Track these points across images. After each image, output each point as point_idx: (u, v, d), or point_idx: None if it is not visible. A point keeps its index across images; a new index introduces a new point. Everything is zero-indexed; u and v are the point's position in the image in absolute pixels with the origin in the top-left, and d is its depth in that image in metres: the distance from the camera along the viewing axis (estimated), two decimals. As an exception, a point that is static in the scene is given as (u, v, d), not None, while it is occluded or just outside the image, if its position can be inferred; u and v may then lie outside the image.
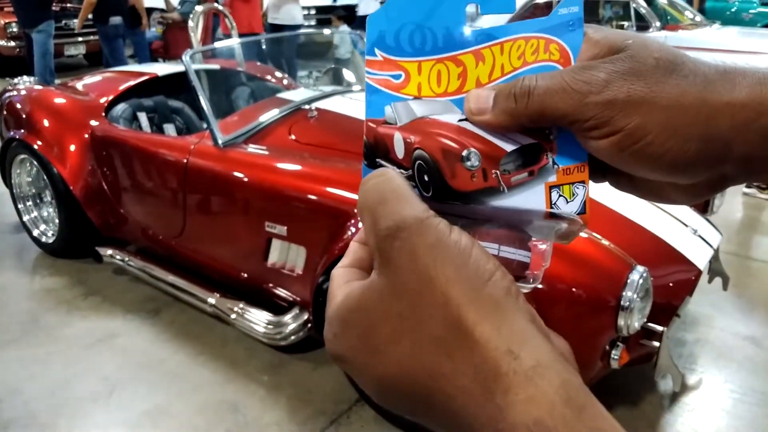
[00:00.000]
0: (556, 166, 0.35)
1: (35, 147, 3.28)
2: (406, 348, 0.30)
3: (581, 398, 0.28)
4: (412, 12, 0.35)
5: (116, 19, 6.23)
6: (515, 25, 0.35)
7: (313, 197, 2.32)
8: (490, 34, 0.35)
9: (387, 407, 0.33)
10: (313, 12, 11.32)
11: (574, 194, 0.35)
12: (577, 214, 0.34)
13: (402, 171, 0.36)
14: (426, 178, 0.36)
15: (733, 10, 10.17)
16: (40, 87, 3.74)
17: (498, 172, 0.35)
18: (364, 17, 9.07)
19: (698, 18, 7.02)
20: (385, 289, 0.31)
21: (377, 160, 0.37)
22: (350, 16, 10.26)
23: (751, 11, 10.08)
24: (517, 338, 0.29)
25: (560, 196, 0.35)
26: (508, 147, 0.35)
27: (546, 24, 0.35)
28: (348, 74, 3.71)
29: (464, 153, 0.35)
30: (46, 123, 3.35)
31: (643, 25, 6.47)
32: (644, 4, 6.48)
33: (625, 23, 6.61)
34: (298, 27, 6.73)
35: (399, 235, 0.31)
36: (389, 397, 0.32)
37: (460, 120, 0.36)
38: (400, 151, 0.37)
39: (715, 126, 0.32)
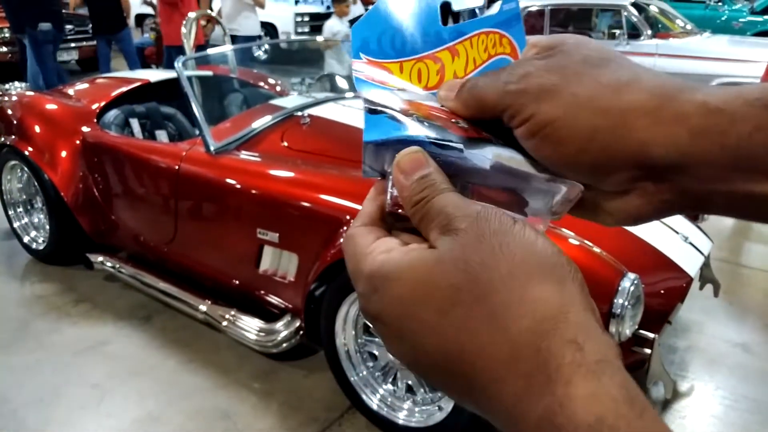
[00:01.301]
0: None
1: (26, 153, 3.27)
2: (455, 320, 0.29)
3: (642, 399, 0.27)
4: (391, 18, 0.38)
5: (46, 25, 5.99)
6: (477, 20, 0.38)
7: (305, 204, 2.32)
8: (461, 30, 0.38)
9: (418, 376, 0.32)
10: (306, 19, 11.34)
11: None
12: None
13: None
14: None
15: (723, 18, 10.26)
16: (31, 93, 3.73)
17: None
18: (351, 21, 9.08)
19: (689, 26, 7.08)
20: (443, 259, 0.30)
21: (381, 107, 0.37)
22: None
23: (741, 20, 10.18)
24: (583, 328, 0.28)
25: None
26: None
27: (496, 20, 0.38)
28: (341, 81, 3.71)
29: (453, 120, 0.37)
30: (37, 129, 3.33)
31: (634, 33, 6.51)
32: (636, 13, 6.53)
33: (617, 31, 6.66)
34: (256, 38, 6.49)
35: (465, 220, 0.30)
36: (422, 367, 0.31)
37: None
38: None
39: (627, 123, 0.32)
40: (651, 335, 2.04)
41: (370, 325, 0.33)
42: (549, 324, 0.27)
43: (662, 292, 2.23)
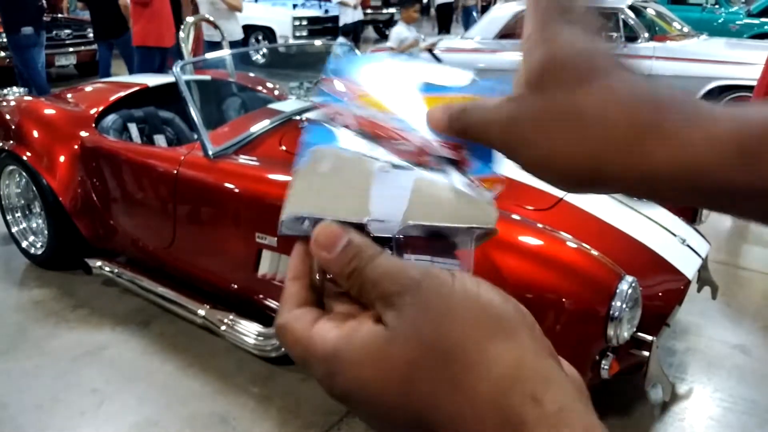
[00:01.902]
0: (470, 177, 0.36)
1: (24, 158, 3.27)
2: (419, 396, 0.29)
3: None
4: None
5: (28, 29, 5.98)
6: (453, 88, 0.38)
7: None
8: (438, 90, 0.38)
9: None
10: (304, 23, 11.35)
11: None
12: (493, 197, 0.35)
13: None
14: None
15: (720, 21, 10.29)
16: (29, 98, 3.73)
17: None
18: (341, 28, 9.00)
19: (686, 29, 7.10)
20: (395, 337, 0.29)
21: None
22: (335, 28, 10.33)
23: (737, 22, 10.21)
24: (539, 379, 0.28)
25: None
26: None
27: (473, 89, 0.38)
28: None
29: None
30: (35, 134, 3.33)
31: (632, 36, 6.52)
32: (632, 15, 6.54)
33: (614, 34, 6.66)
34: (237, 44, 6.19)
35: (409, 291, 0.30)
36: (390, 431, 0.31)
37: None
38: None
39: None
40: (649, 338, 2.04)
41: None
42: (507, 382, 0.28)
43: (660, 294, 2.23)
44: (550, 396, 0.27)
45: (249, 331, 2.54)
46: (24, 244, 3.51)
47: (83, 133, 3.23)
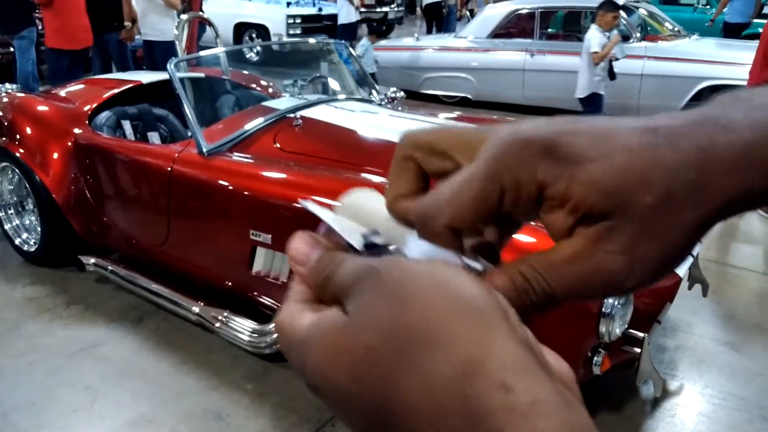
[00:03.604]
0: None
1: (17, 155, 3.26)
2: (375, 382, 0.27)
3: None
4: None
5: (32, 28, 5.98)
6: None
7: (298, 205, 2.33)
8: None
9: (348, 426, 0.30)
10: (298, 21, 11.34)
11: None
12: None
13: None
14: None
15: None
16: (22, 94, 3.72)
17: None
18: (344, 26, 8.94)
19: (678, 29, 7.14)
20: (352, 322, 0.28)
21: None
22: (334, 26, 10.30)
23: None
24: (510, 368, 0.25)
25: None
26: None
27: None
28: (333, 83, 3.72)
29: None
30: (28, 130, 3.32)
31: (623, 35, 6.55)
32: (625, 15, 6.57)
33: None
34: (171, 45, 5.83)
35: (365, 276, 0.29)
36: (351, 420, 0.29)
37: None
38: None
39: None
40: (641, 334, 2.06)
41: None
42: (471, 366, 0.25)
43: (651, 291, 2.25)
44: (523, 386, 0.24)
45: (243, 327, 2.55)
46: (17, 241, 3.50)
47: (77, 130, 3.22)
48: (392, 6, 14.08)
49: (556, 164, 0.28)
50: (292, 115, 2.97)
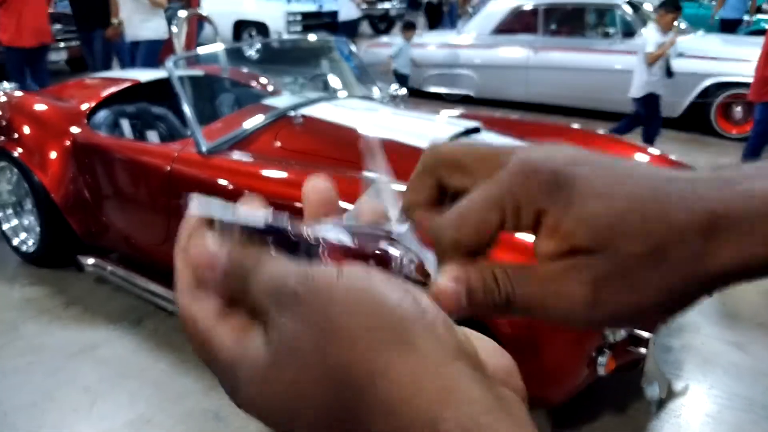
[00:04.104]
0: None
1: (15, 154, 3.24)
2: (302, 428, 0.26)
3: None
4: None
5: None
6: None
7: (298, 204, 2.30)
8: None
9: None
10: (298, 18, 11.31)
11: None
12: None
13: None
14: None
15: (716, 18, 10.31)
16: (20, 93, 3.69)
17: None
18: (345, 23, 8.89)
19: (683, 25, 7.10)
20: (275, 360, 0.26)
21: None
22: (334, 23, 10.27)
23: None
24: (438, 396, 0.24)
25: None
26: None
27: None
28: (334, 81, 3.70)
29: None
30: (26, 130, 3.30)
31: (628, 32, 6.52)
32: (630, 11, 6.54)
33: (611, 30, 6.67)
34: (158, 44, 5.57)
35: (286, 307, 0.26)
36: None
37: None
38: None
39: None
40: (646, 335, 2.04)
41: None
42: (403, 407, 0.24)
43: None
44: (451, 413, 0.23)
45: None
46: (15, 241, 3.48)
47: (75, 129, 3.20)
48: (393, 2, 14.04)
49: (556, 195, 0.28)
50: (292, 113, 2.95)
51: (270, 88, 3.93)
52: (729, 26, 8.47)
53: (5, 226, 3.52)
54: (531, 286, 0.30)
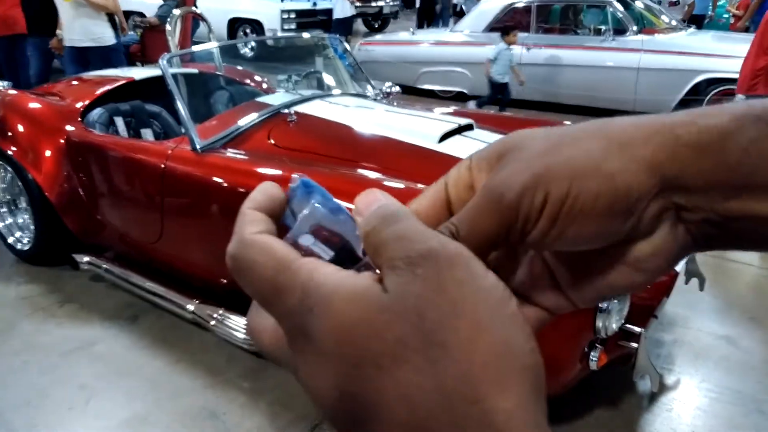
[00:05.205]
0: None
1: (9, 153, 3.23)
2: (396, 380, 0.25)
3: None
4: None
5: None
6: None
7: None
8: None
9: (335, 419, 0.28)
10: (293, 16, 11.29)
11: None
12: None
13: None
14: None
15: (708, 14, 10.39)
16: (14, 91, 3.68)
17: None
18: (339, 21, 8.86)
19: (674, 22, 7.13)
20: (391, 308, 0.26)
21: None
22: (328, 21, 10.26)
23: (725, 16, 10.32)
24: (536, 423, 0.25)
25: None
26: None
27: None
28: (328, 78, 3.70)
29: None
30: (20, 128, 3.30)
31: (620, 29, 6.55)
32: (621, 9, 6.56)
33: (603, 27, 6.69)
34: (107, 50, 5.31)
35: (423, 263, 0.26)
36: (342, 407, 0.28)
37: None
38: None
39: (635, 156, 0.30)
40: (637, 329, 2.06)
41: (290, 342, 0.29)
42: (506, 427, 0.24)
43: (648, 286, 2.24)
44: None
45: (239, 325, 2.53)
46: (10, 239, 3.48)
47: (69, 128, 3.19)
48: (387, 0, 14.02)
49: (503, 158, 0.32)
50: (286, 110, 2.96)
51: (264, 86, 3.93)
52: (697, 21, 9.49)
53: (0, 225, 3.51)
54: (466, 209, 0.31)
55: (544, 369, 0.26)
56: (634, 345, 2.06)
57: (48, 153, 3.18)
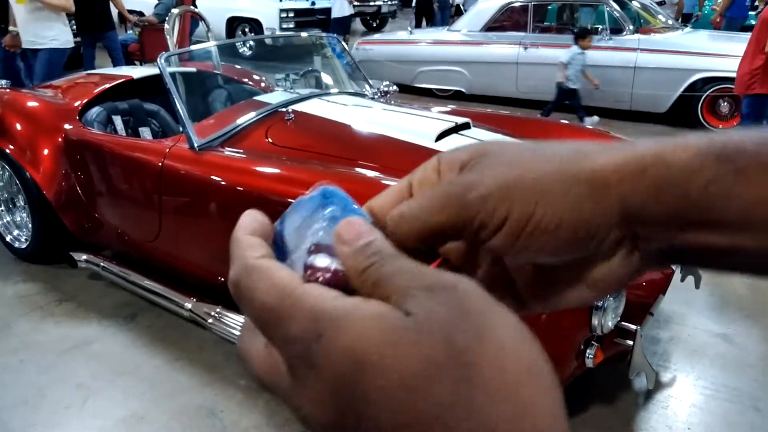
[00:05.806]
0: None
1: (7, 151, 3.23)
2: (429, 399, 0.24)
3: None
4: None
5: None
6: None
7: (290, 200, 2.31)
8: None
9: None
10: (291, 15, 11.29)
11: None
12: None
13: None
14: None
15: (704, 13, 10.42)
16: (11, 90, 3.68)
17: None
18: (337, 20, 8.85)
19: (670, 22, 7.15)
20: (420, 327, 0.25)
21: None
22: (326, 20, 10.26)
23: (705, 12, 10.44)
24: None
25: None
26: None
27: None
28: (325, 77, 3.71)
29: None
30: (18, 126, 3.30)
31: (616, 28, 6.56)
32: (617, 8, 6.57)
33: (599, 27, 6.70)
34: (64, 52, 5.20)
35: (443, 292, 0.26)
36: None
37: None
38: None
39: (602, 184, 0.31)
40: (633, 327, 2.06)
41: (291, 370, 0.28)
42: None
43: (644, 284, 2.26)
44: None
45: (236, 323, 2.54)
46: (8, 238, 3.48)
47: (67, 126, 3.19)
48: (385, -1, 14.02)
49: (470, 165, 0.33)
50: (284, 109, 2.96)
51: (262, 85, 3.93)
52: (687, 19, 10.17)
53: (-3, 223, 3.52)
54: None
55: None
56: (630, 342, 2.07)
57: (46, 151, 3.18)
